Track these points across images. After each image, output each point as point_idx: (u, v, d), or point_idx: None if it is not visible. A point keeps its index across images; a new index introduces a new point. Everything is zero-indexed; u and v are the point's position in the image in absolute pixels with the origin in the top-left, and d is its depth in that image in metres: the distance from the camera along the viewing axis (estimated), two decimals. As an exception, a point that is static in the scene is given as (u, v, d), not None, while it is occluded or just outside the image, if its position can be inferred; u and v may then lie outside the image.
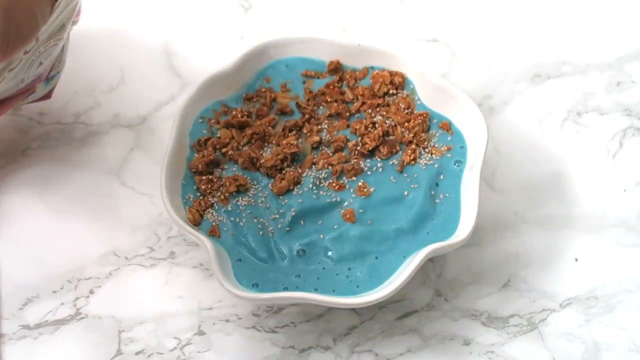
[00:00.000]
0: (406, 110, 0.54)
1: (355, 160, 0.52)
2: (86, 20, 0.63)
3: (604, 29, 0.64)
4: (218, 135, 0.53)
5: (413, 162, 0.52)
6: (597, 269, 0.54)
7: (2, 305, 0.53)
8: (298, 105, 0.55)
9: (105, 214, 0.56)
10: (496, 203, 0.56)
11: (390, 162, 0.52)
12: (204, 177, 0.51)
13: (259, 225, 0.50)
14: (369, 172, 0.52)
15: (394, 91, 0.55)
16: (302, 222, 0.50)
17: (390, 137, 0.53)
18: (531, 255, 0.54)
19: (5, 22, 0.39)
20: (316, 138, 0.53)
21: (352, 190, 0.51)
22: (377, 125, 0.53)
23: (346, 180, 0.51)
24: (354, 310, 0.52)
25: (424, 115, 0.53)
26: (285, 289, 0.48)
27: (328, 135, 0.53)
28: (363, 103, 0.54)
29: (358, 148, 0.52)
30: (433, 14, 0.65)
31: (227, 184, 0.51)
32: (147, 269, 0.54)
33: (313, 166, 0.52)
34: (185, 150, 0.53)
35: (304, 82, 0.56)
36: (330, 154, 0.52)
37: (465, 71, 0.62)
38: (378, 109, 0.54)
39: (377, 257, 0.49)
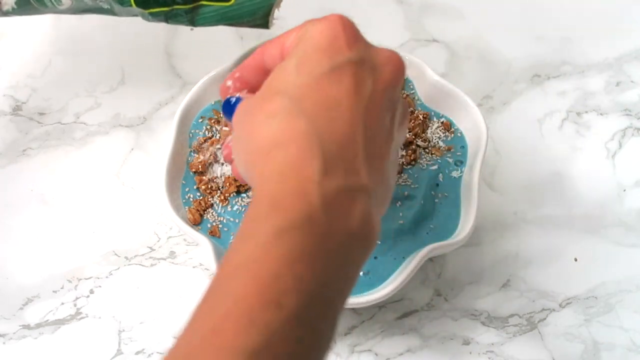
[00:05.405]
0: (406, 111, 0.54)
1: (355, 160, 0.52)
2: (86, 20, 0.63)
3: (604, 29, 0.64)
4: (218, 135, 0.53)
5: (413, 163, 0.52)
6: (597, 268, 0.54)
7: (1, 305, 0.53)
8: (298, 105, 0.55)
9: (105, 214, 0.56)
10: (496, 203, 0.56)
11: (390, 162, 0.52)
12: (204, 177, 0.51)
13: (259, 225, 0.50)
14: (368, 172, 0.52)
15: (394, 91, 0.54)
16: (302, 222, 0.50)
17: (390, 137, 0.53)
18: (531, 255, 0.54)
19: None
20: (316, 138, 0.53)
21: (352, 190, 0.51)
22: (377, 125, 0.53)
23: (346, 181, 0.51)
24: (354, 310, 0.52)
25: (424, 115, 0.53)
26: (285, 289, 0.48)
27: (328, 135, 0.53)
28: (363, 103, 0.54)
29: (358, 148, 0.52)
30: (432, 14, 0.65)
31: (227, 184, 0.51)
32: (147, 269, 0.54)
33: (313, 166, 0.52)
34: (185, 150, 0.53)
35: (304, 82, 0.56)
36: (330, 154, 0.52)
37: (465, 71, 0.62)
38: (378, 109, 0.54)
39: (376, 257, 0.48)
